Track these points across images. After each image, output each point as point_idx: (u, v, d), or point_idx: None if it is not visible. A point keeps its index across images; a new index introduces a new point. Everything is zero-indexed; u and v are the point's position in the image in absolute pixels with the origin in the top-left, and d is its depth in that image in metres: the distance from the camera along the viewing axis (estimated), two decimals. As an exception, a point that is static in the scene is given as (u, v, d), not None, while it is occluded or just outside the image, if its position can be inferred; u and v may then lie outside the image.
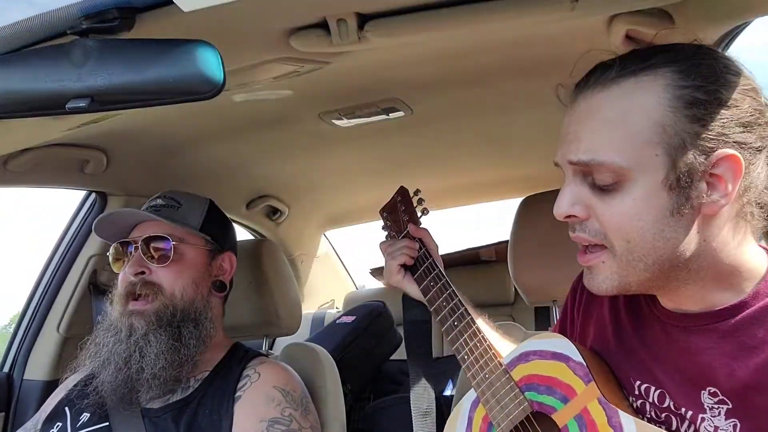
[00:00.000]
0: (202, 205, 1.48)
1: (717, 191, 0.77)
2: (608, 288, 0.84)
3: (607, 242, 0.82)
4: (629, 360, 0.93)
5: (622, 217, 0.80)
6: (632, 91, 0.79)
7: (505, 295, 2.72)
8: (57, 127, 1.23)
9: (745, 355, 0.79)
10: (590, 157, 0.80)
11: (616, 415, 0.85)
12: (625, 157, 0.78)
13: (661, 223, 0.79)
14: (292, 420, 1.29)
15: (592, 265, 0.85)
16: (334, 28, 0.99)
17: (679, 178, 0.77)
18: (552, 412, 0.92)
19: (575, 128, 0.82)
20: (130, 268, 1.34)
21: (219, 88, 0.78)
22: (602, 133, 0.80)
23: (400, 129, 1.78)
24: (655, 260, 0.80)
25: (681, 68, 0.78)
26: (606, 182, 0.80)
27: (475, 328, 1.08)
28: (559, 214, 0.85)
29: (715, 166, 0.77)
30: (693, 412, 0.83)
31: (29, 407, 1.79)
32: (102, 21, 0.79)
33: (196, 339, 1.34)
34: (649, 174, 0.78)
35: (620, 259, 0.82)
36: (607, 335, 0.97)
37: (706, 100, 0.76)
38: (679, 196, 0.78)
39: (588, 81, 0.83)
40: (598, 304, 1.01)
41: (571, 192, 0.84)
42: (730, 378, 0.80)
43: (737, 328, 0.81)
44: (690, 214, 0.78)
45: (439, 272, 1.21)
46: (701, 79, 0.77)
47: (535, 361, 0.97)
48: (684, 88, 0.77)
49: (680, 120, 0.76)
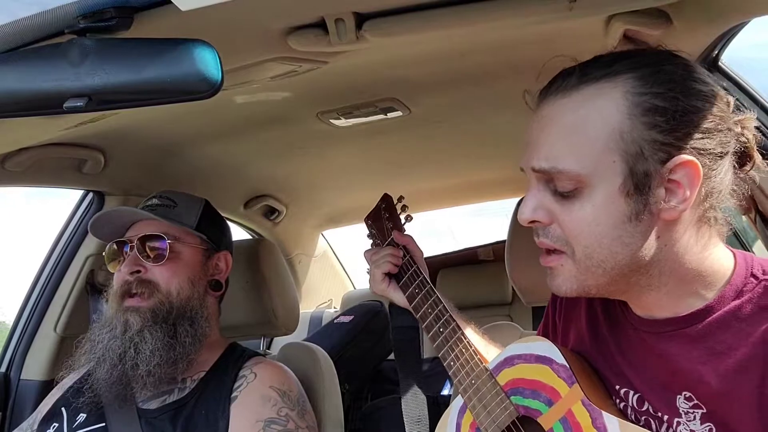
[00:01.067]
0: (198, 204, 1.48)
1: (675, 197, 0.78)
2: (567, 290, 0.86)
3: (567, 248, 0.84)
4: (608, 365, 0.94)
5: (582, 222, 0.81)
6: (592, 99, 0.80)
7: (503, 295, 2.73)
8: (54, 126, 1.23)
9: (714, 360, 0.80)
10: (550, 165, 0.81)
11: (600, 416, 0.86)
12: (583, 164, 0.79)
13: (619, 228, 0.80)
14: (288, 420, 1.29)
15: (553, 267, 0.87)
16: (332, 27, 0.99)
17: (637, 185, 0.78)
18: (538, 415, 0.92)
19: (537, 135, 0.84)
20: (126, 267, 1.34)
21: (217, 87, 0.78)
22: (562, 140, 0.81)
23: (398, 129, 1.78)
24: (613, 265, 0.81)
25: (641, 75, 0.79)
26: (566, 189, 0.81)
27: (460, 334, 1.08)
28: (523, 219, 0.87)
29: (673, 172, 0.77)
30: (669, 416, 0.84)
31: (26, 407, 1.79)
32: (99, 20, 0.79)
33: (191, 337, 1.33)
34: (607, 181, 0.79)
35: (579, 263, 0.83)
36: (586, 341, 0.98)
37: (665, 107, 0.77)
38: (637, 202, 0.79)
39: (550, 88, 0.84)
40: (576, 310, 1.02)
41: (534, 198, 0.85)
42: (701, 384, 0.81)
43: (705, 334, 0.81)
44: (648, 219, 0.79)
45: (423, 279, 1.21)
46: (660, 85, 0.78)
47: (519, 365, 0.97)
48: (643, 95, 0.78)
49: (637, 127, 0.77)
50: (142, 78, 0.77)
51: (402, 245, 1.29)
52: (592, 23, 1.09)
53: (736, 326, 0.80)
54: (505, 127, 1.89)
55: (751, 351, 0.78)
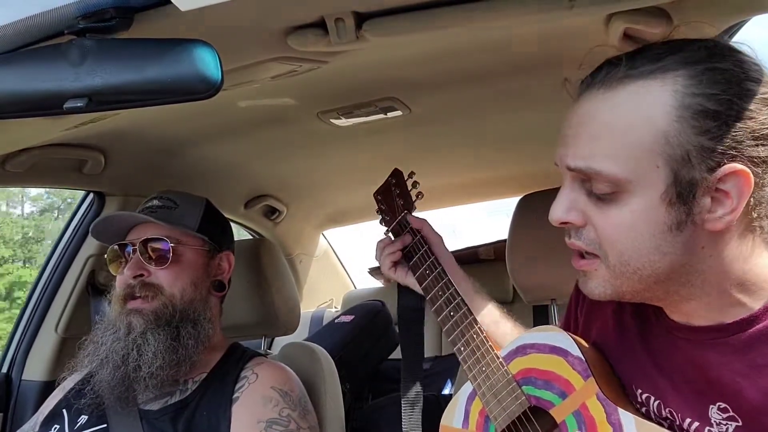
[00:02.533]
0: (199, 205, 1.48)
1: (722, 207, 0.73)
2: (600, 294, 0.82)
3: (601, 252, 0.80)
4: (632, 366, 0.91)
5: (618, 229, 0.77)
6: (638, 96, 0.74)
7: (504, 294, 2.72)
8: (55, 127, 1.23)
9: (756, 374, 0.76)
10: (587, 165, 0.76)
11: (615, 412, 0.85)
12: (623, 167, 0.74)
13: (658, 238, 0.75)
14: (290, 420, 1.29)
15: (586, 271, 0.83)
16: (332, 27, 0.99)
17: (681, 193, 0.73)
18: (550, 407, 0.91)
19: (575, 131, 0.79)
20: (129, 271, 1.34)
21: (217, 87, 0.78)
22: (601, 139, 0.76)
23: (398, 128, 1.78)
24: (650, 273, 0.77)
25: (693, 73, 0.73)
26: (603, 191, 0.77)
27: (472, 319, 1.06)
28: (555, 219, 0.82)
29: (722, 181, 0.72)
30: (699, 423, 0.81)
31: (28, 408, 1.79)
32: (99, 20, 0.79)
33: (194, 339, 1.33)
34: (648, 187, 0.74)
35: (614, 269, 0.79)
36: (610, 339, 0.95)
37: (717, 111, 0.71)
38: (679, 211, 0.74)
39: (593, 79, 0.78)
40: (602, 306, 0.99)
41: (567, 198, 0.81)
42: (740, 397, 0.77)
43: (748, 345, 0.77)
44: (691, 229, 0.75)
45: (434, 260, 1.17)
46: (714, 86, 0.72)
47: (532, 354, 0.95)
48: (694, 96, 0.72)
49: (686, 131, 0.71)
50: (143, 78, 0.77)
51: (417, 229, 1.25)
52: (593, 22, 1.09)
53: None
54: (506, 126, 1.89)
55: None
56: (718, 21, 1.07)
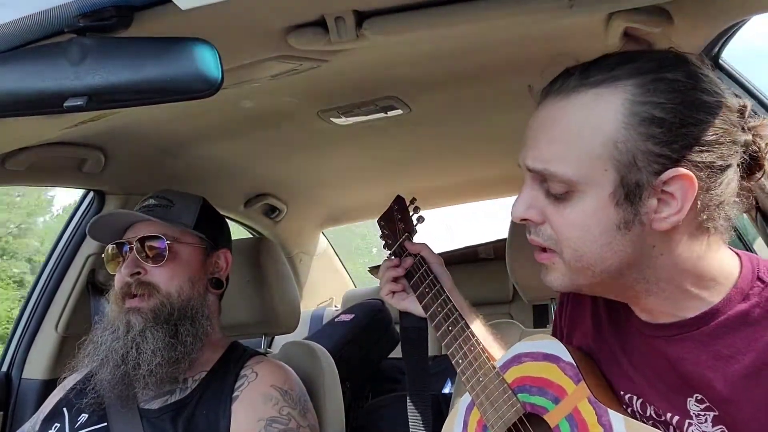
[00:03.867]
0: (195, 203, 1.48)
1: (668, 208, 0.77)
2: (559, 286, 0.87)
3: (557, 248, 0.84)
4: (612, 369, 0.93)
5: (572, 226, 0.81)
6: (590, 104, 0.78)
7: (504, 293, 2.73)
8: (54, 125, 1.23)
9: (722, 364, 0.79)
10: (543, 167, 0.81)
11: (605, 414, 0.86)
12: (575, 170, 0.79)
13: (608, 235, 0.79)
14: (290, 419, 1.29)
15: (546, 264, 0.88)
16: (332, 26, 0.99)
17: (628, 195, 0.77)
18: (544, 412, 0.92)
19: (534, 134, 0.84)
20: (126, 269, 1.35)
21: (217, 86, 0.78)
22: (556, 143, 0.81)
23: (398, 127, 1.78)
24: (603, 269, 0.82)
25: (642, 82, 0.77)
26: (558, 191, 0.81)
27: (469, 332, 1.09)
28: (515, 217, 0.87)
29: (667, 184, 0.76)
30: (679, 417, 0.83)
31: (28, 406, 1.79)
32: (99, 19, 0.79)
33: (192, 336, 1.34)
34: (598, 188, 0.78)
35: (569, 264, 0.83)
36: (591, 344, 0.98)
37: (663, 118, 0.75)
38: (626, 211, 0.78)
39: (551, 88, 0.83)
40: (581, 314, 1.02)
41: (527, 196, 0.85)
42: (710, 388, 0.80)
43: (711, 337, 0.81)
44: (639, 229, 0.79)
45: (434, 279, 1.22)
46: (661, 95, 0.76)
47: (527, 362, 0.98)
48: (642, 104, 0.76)
49: (633, 137, 0.76)
50: (142, 77, 0.77)
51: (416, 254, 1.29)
52: (593, 21, 1.09)
53: (744, 330, 0.78)
54: (505, 125, 1.89)
55: (761, 356, 0.76)
56: (718, 20, 1.07)
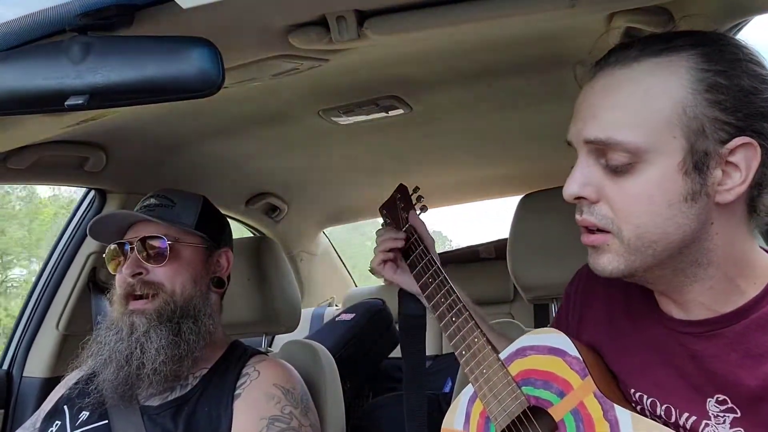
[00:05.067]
0: (196, 203, 1.48)
1: (732, 179, 0.76)
2: (613, 270, 0.82)
3: (614, 228, 0.80)
4: (626, 365, 0.92)
5: (635, 200, 0.78)
6: (654, 70, 0.77)
7: (505, 292, 2.72)
8: (56, 124, 1.23)
9: (752, 363, 0.77)
10: (607, 135, 0.77)
11: (612, 409, 0.86)
12: (642, 137, 0.76)
13: (674, 208, 0.77)
14: (292, 418, 1.29)
15: (598, 246, 0.83)
16: (333, 25, 0.99)
17: (696, 163, 0.75)
18: (549, 406, 0.92)
19: (591, 104, 0.80)
20: (128, 269, 1.35)
21: (218, 85, 0.78)
22: (621, 110, 0.78)
23: (399, 126, 1.78)
24: (665, 247, 0.78)
25: (704, 51, 0.76)
26: (620, 162, 0.78)
27: (473, 323, 1.08)
28: (569, 194, 0.82)
29: (732, 153, 0.75)
30: (696, 418, 0.82)
31: (29, 404, 1.79)
32: (101, 18, 0.79)
33: (195, 335, 1.34)
34: (666, 156, 0.76)
35: (628, 244, 0.79)
36: (603, 339, 0.96)
37: (728, 86, 0.74)
38: (694, 181, 0.76)
39: (608, 59, 0.81)
40: (592, 306, 1.00)
41: (582, 172, 0.81)
42: (738, 387, 0.78)
43: (743, 335, 0.79)
44: (704, 201, 0.77)
45: (437, 268, 1.21)
46: (724, 64, 0.75)
47: (532, 356, 0.97)
48: (706, 71, 0.75)
49: (701, 103, 0.75)
50: (144, 76, 0.77)
51: (413, 226, 1.29)
52: (594, 21, 1.09)
53: None
54: (507, 124, 1.89)
55: None
56: (719, 20, 1.06)
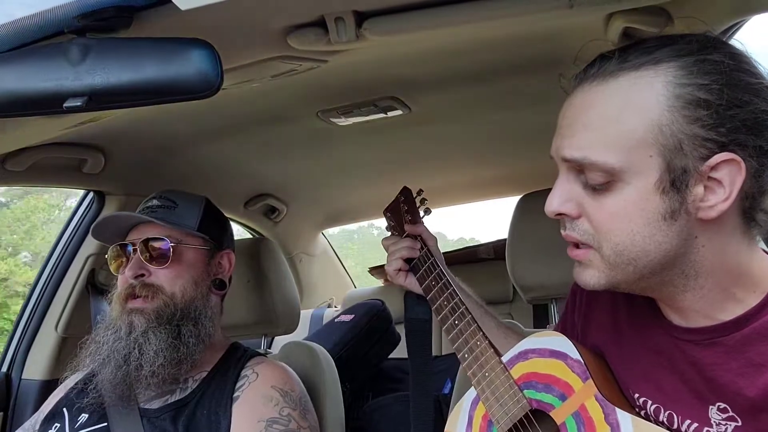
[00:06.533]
0: (199, 204, 1.48)
1: (715, 195, 0.74)
2: (595, 284, 0.82)
3: (595, 243, 0.80)
4: (630, 370, 0.91)
5: (613, 217, 0.77)
6: (630, 87, 0.75)
7: (504, 293, 2.72)
8: (54, 126, 1.23)
9: (753, 373, 0.76)
10: (582, 155, 0.77)
11: (613, 412, 0.86)
12: (617, 157, 0.75)
13: (652, 227, 0.76)
14: (290, 420, 1.29)
15: (581, 260, 0.83)
16: (332, 26, 0.99)
17: (674, 181, 0.74)
18: (550, 409, 0.92)
19: (570, 122, 0.80)
20: (130, 271, 1.34)
21: (216, 87, 0.78)
22: (596, 130, 0.76)
23: (398, 127, 1.78)
24: (645, 264, 0.78)
25: (684, 64, 0.74)
26: (598, 181, 0.77)
27: (475, 327, 1.08)
28: (550, 211, 0.83)
29: (714, 169, 0.73)
30: (698, 425, 0.81)
31: (28, 407, 1.79)
32: (99, 19, 0.79)
33: (195, 338, 1.34)
34: (642, 175, 0.75)
35: (608, 260, 0.79)
36: (608, 343, 0.96)
37: (708, 100, 0.72)
38: (672, 200, 0.74)
39: (587, 73, 0.80)
40: (598, 307, 0.99)
41: (563, 189, 0.81)
42: (739, 397, 0.77)
43: (743, 344, 0.77)
44: (685, 218, 0.75)
45: (440, 272, 1.21)
46: (705, 76, 0.73)
47: (533, 359, 0.97)
48: (685, 86, 0.73)
49: (678, 120, 0.72)
50: (142, 77, 0.77)
51: (418, 236, 1.29)
52: (593, 21, 1.09)
53: None
54: (505, 124, 1.89)
55: None
56: (717, 21, 1.07)
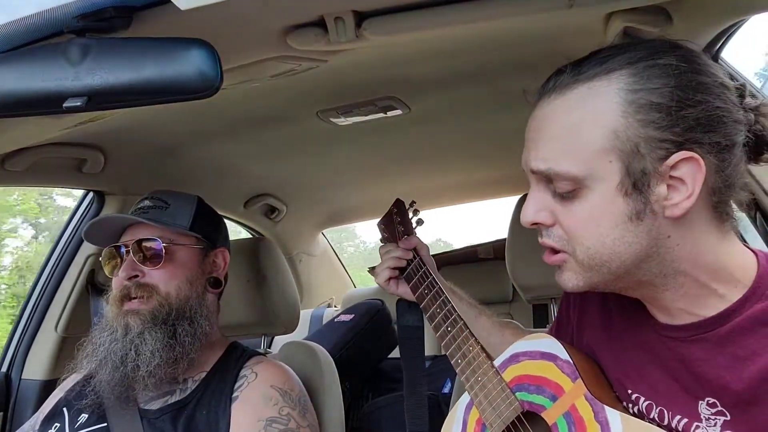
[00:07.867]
0: (191, 203, 1.48)
1: (678, 193, 0.76)
2: (573, 286, 0.86)
3: (569, 248, 0.83)
4: (622, 367, 0.93)
5: (582, 223, 0.80)
6: (586, 98, 0.78)
7: (504, 293, 2.73)
8: (54, 126, 1.23)
9: (738, 366, 0.78)
10: (547, 167, 0.81)
11: (602, 410, 0.87)
12: (579, 166, 0.78)
13: (620, 228, 0.78)
14: (290, 419, 1.29)
15: (559, 265, 0.87)
16: (331, 26, 0.99)
17: (635, 183, 0.77)
18: (542, 410, 0.93)
19: (533, 135, 0.83)
20: (123, 272, 1.34)
21: (216, 86, 0.78)
22: (557, 142, 0.80)
23: (397, 127, 1.78)
24: (619, 265, 0.80)
25: (635, 71, 0.77)
26: (565, 190, 0.80)
27: (468, 332, 1.10)
28: (526, 222, 0.86)
29: (674, 168, 0.76)
30: (688, 420, 0.82)
31: (27, 407, 1.79)
32: (99, 19, 0.79)
33: (191, 336, 1.34)
34: (604, 181, 0.78)
35: (582, 263, 0.82)
36: (600, 341, 0.97)
37: (660, 103, 0.75)
38: (636, 201, 0.77)
39: (545, 87, 0.83)
40: (590, 306, 1.01)
41: (535, 199, 0.85)
42: (727, 390, 0.79)
43: (728, 339, 0.79)
44: (651, 218, 0.78)
45: (432, 280, 1.23)
46: (656, 80, 0.76)
47: (525, 361, 0.98)
48: (637, 91, 0.76)
49: (632, 125, 0.76)
50: (142, 77, 0.77)
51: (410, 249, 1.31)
52: (592, 20, 1.09)
53: (761, 331, 0.77)
54: (505, 124, 1.89)
55: None
56: (716, 20, 1.07)
